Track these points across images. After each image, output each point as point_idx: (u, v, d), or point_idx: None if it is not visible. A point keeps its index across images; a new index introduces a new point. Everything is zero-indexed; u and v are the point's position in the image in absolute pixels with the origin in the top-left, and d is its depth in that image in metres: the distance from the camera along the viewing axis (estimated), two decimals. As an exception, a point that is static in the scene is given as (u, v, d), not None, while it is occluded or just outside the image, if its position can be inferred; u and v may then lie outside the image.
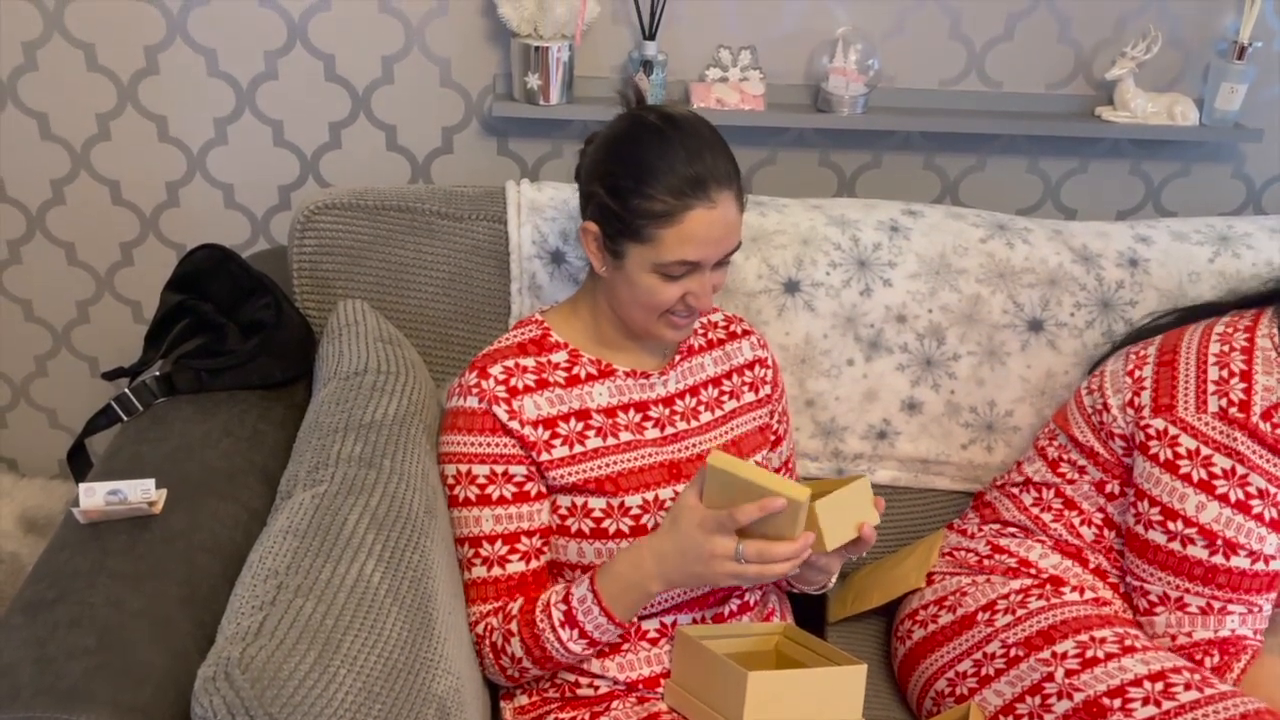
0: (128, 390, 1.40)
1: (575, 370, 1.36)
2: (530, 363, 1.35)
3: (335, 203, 1.56)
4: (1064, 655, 1.35)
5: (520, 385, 1.32)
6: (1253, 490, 1.33)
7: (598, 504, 1.32)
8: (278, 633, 0.99)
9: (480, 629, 1.30)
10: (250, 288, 1.49)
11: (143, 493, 1.18)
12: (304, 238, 1.55)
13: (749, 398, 1.46)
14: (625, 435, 1.35)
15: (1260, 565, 1.34)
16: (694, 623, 1.36)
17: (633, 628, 1.34)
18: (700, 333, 1.47)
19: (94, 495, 1.16)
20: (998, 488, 1.63)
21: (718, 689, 1.23)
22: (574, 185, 1.38)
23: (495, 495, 1.30)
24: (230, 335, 1.45)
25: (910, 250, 1.67)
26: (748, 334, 1.50)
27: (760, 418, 1.47)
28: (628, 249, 1.27)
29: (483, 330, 1.61)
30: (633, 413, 1.37)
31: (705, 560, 1.18)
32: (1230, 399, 1.35)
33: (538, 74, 1.72)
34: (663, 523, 1.23)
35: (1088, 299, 1.70)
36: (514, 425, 1.30)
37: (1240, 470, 1.33)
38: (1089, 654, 1.33)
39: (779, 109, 1.83)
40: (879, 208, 1.72)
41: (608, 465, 1.33)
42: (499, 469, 1.30)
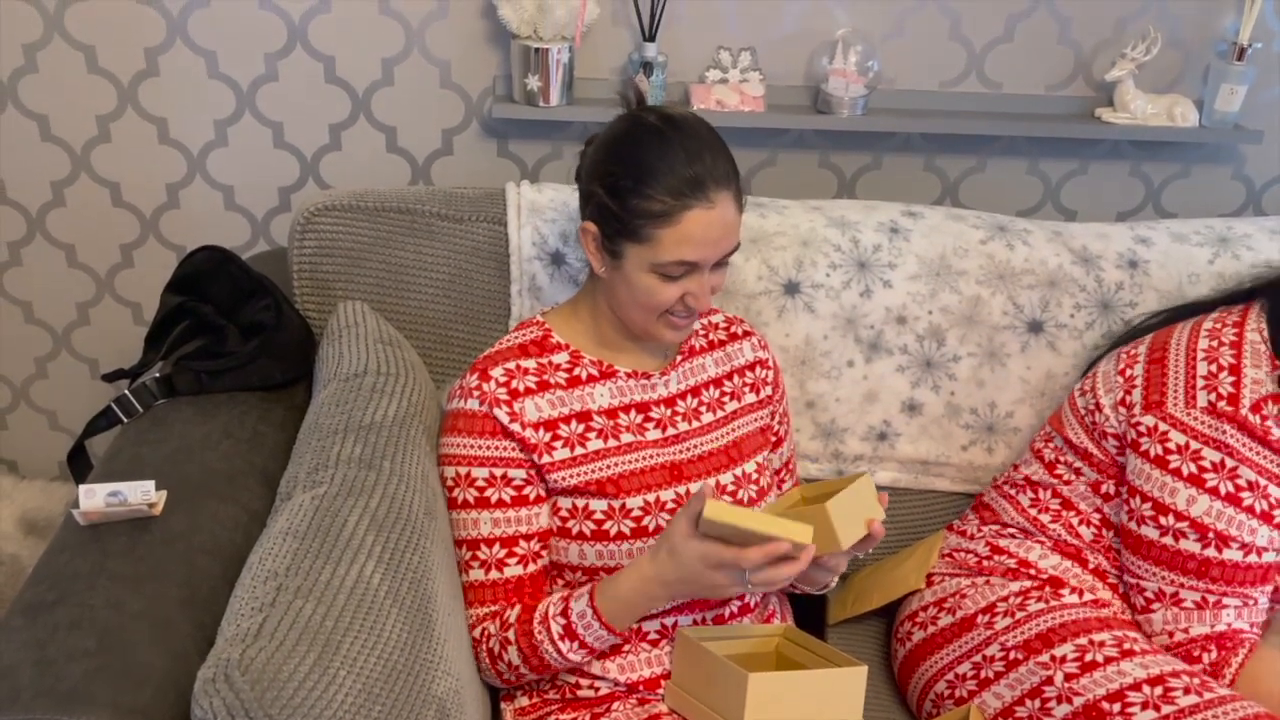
0: (128, 392, 1.40)
1: (576, 371, 1.36)
2: (531, 364, 1.35)
3: (335, 204, 1.56)
4: (1063, 659, 1.35)
5: (521, 387, 1.32)
6: (1242, 483, 1.34)
7: (599, 506, 1.32)
8: (277, 634, 0.99)
9: (477, 633, 1.30)
10: (250, 289, 1.49)
11: (143, 494, 1.18)
12: (304, 239, 1.55)
13: (750, 399, 1.46)
14: (626, 437, 1.35)
15: (1253, 557, 1.35)
16: (694, 624, 1.36)
17: (633, 630, 1.34)
18: (701, 334, 1.47)
19: (94, 497, 1.16)
20: (996, 489, 1.63)
21: (718, 690, 1.23)
22: (574, 187, 1.38)
23: (494, 498, 1.30)
24: (230, 337, 1.45)
25: (910, 252, 1.67)
26: (748, 335, 1.50)
27: (761, 419, 1.47)
28: (626, 249, 1.27)
29: (483, 332, 1.61)
30: (634, 414, 1.37)
31: (711, 589, 1.21)
32: (1219, 393, 1.36)
33: (538, 75, 1.72)
34: (660, 551, 1.22)
35: (1087, 300, 1.70)
36: (515, 428, 1.30)
37: (1229, 463, 1.34)
38: (1088, 657, 1.33)
39: (779, 110, 1.83)
40: (879, 209, 1.72)
41: (609, 467, 1.33)
42: (498, 472, 1.30)
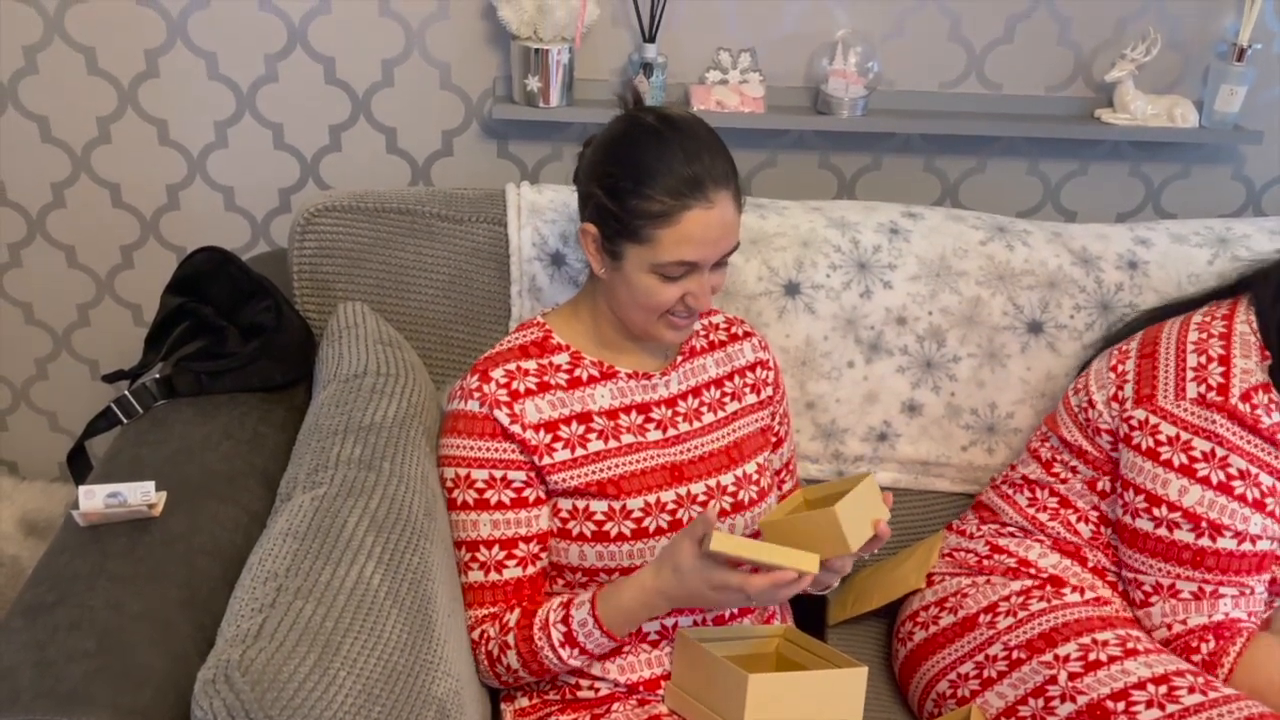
0: (128, 393, 1.40)
1: (577, 372, 1.36)
2: (532, 365, 1.34)
3: (335, 205, 1.56)
4: (1066, 658, 1.35)
5: (522, 388, 1.32)
6: (1233, 471, 1.34)
7: (599, 507, 1.32)
8: (277, 635, 0.99)
9: (476, 634, 1.30)
10: (250, 290, 1.49)
11: (142, 495, 1.18)
12: (304, 240, 1.55)
13: (750, 399, 1.46)
14: (627, 438, 1.35)
15: (1247, 545, 1.35)
16: (694, 625, 1.36)
17: (633, 631, 1.34)
18: (701, 334, 1.47)
19: (94, 498, 1.16)
20: (994, 489, 1.63)
21: (718, 691, 1.23)
22: (574, 188, 1.38)
23: (494, 500, 1.30)
24: (230, 338, 1.45)
25: (910, 252, 1.67)
26: (749, 336, 1.50)
27: (761, 419, 1.47)
28: (626, 250, 1.27)
29: (483, 332, 1.61)
30: (635, 414, 1.37)
31: (716, 604, 1.26)
32: (1209, 384, 1.37)
33: (538, 76, 1.72)
34: (664, 568, 1.22)
35: (1087, 301, 1.70)
36: (515, 429, 1.30)
37: (1220, 452, 1.34)
38: (1092, 656, 1.34)
39: (779, 111, 1.83)
40: (879, 210, 1.72)
41: (610, 468, 1.33)
42: (498, 474, 1.30)
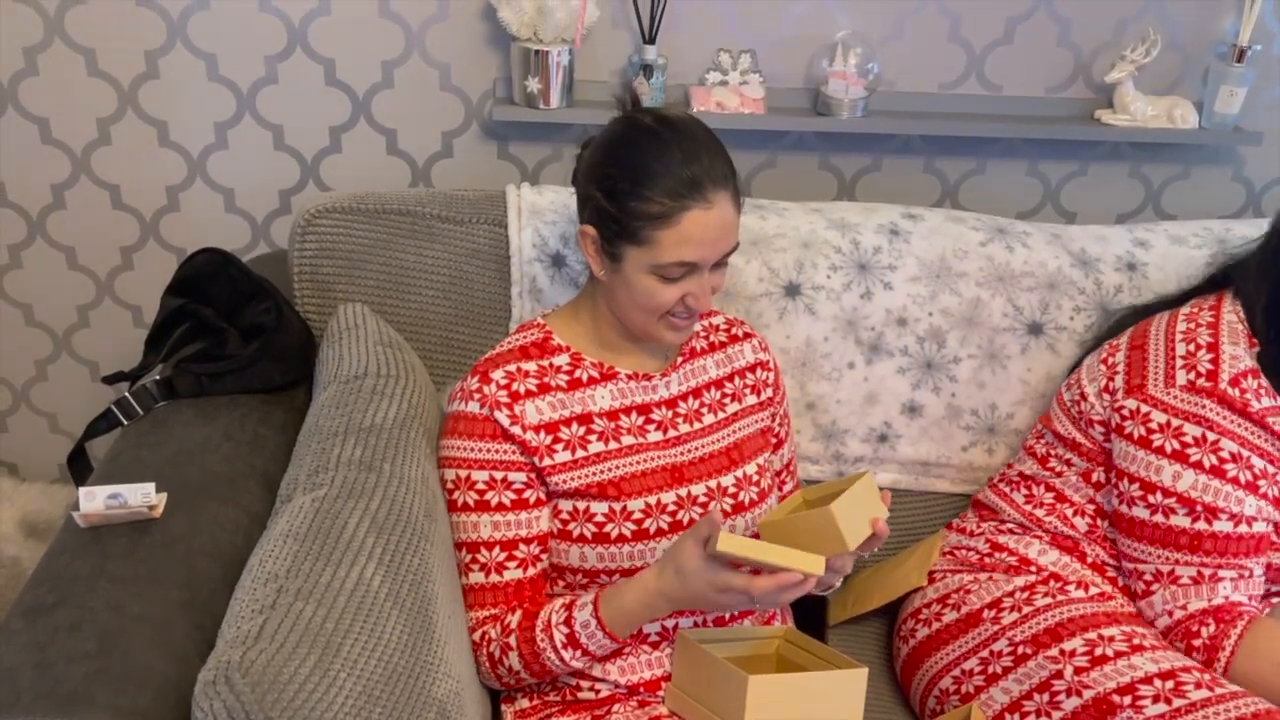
0: (128, 394, 1.40)
1: (577, 374, 1.36)
2: (532, 367, 1.35)
3: (335, 206, 1.56)
4: (1072, 653, 1.35)
5: (522, 390, 1.32)
6: (1225, 455, 1.35)
7: (600, 509, 1.32)
8: (278, 636, 0.99)
9: (477, 636, 1.30)
10: (250, 292, 1.49)
11: (143, 497, 1.18)
12: (304, 241, 1.56)
13: (751, 400, 1.46)
14: (627, 439, 1.35)
15: (1243, 528, 1.35)
16: (695, 626, 1.36)
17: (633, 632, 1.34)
18: (702, 335, 1.47)
19: (94, 499, 1.16)
20: (992, 488, 1.63)
21: (719, 692, 1.23)
22: (574, 189, 1.38)
23: (494, 502, 1.30)
24: (230, 339, 1.45)
25: (910, 254, 1.67)
26: (749, 337, 1.50)
27: (762, 420, 1.47)
28: (625, 251, 1.27)
29: (483, 333, 1.61)
30: (635, 415, 1.37)
31: (717, 607, 1.27)
32: (1198, 370, 1.38)
33: (538, 78, 1.72)
34: (667, 570, 1.23)
35: (1086, 303, 1.70)
36: (515, 430, 1.30)
37: (1211, 436, 1.35)
38: (1098, 652, 1.34)
39: (779, 112, 1.83)
40: (879, 211, 1.72)
41: (610, 469, 1.33)
42: (498, 475, 1.30)
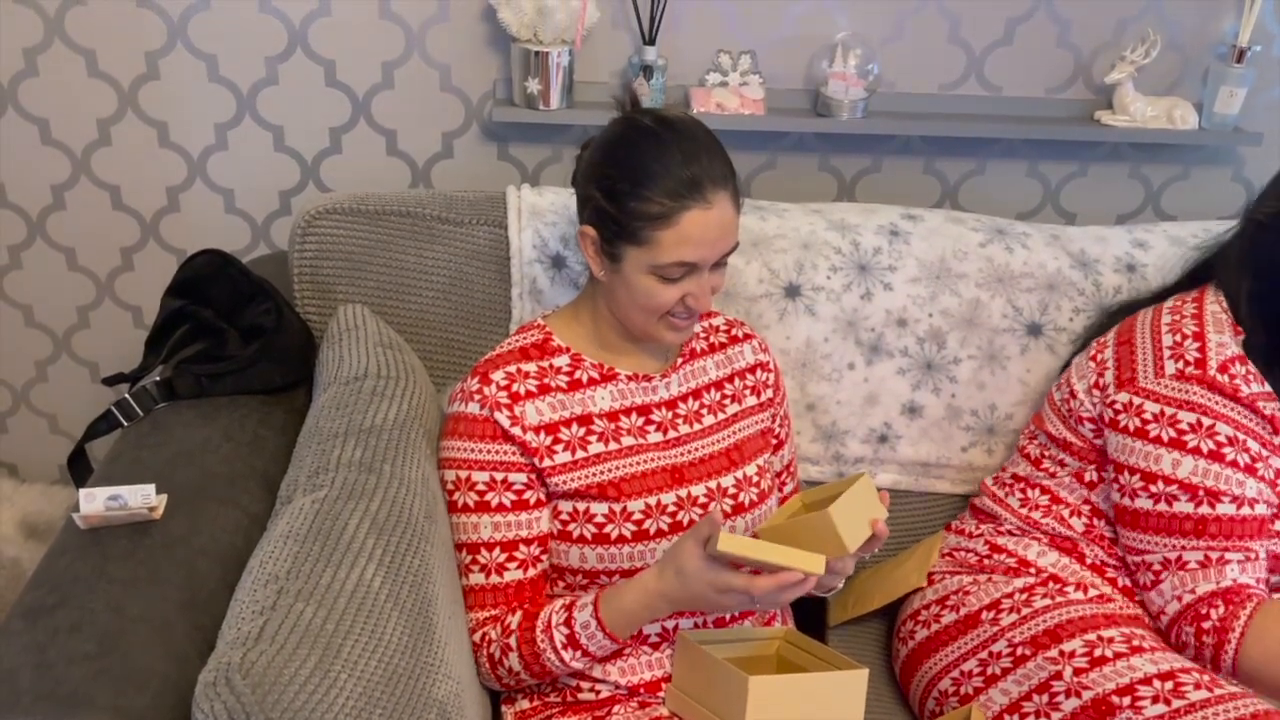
0: (128, 395, 1.40)
1: (577, 375, 1.36)
2: (532, 368, 1.35)
3: (336, 208, 1.56)
4: (1072, 654, 1.35)
5: (522, 391, 1.32)
6: (1222, 439, 1.35)
7: (600, 509, 1.32)
8: (278, 638, 0.99)
9: (477, 637, 1.30)
10: (250, 293, 1.49)
11: (143, 498, 1.18)
12: (304, 243, 1.56)
13: (751, 401, 1.46)
14: (627, 440, 1.35)
15: (1246, 510, 1.36)
16: (695, 627, 1.36)
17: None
18: (702, 336, 1.47)
19: (94, 500, 1.16)
20: (987, 492, 1.63)
21: (719, 693, 1.23)
22: (574, 190, 1.38)
23: (494, 502, 1.30)
24: (230, 340, 1.45)
25: (910, 254, 1.67)
26: (749, 338, 1.50)
27: (762, 421, 1.47)
28: (625, 252, 1.27)
29: (484, 335, 1.61)
30: (635, 416, 1.37)
31: (717, 608, 1.27)
32: (1186, 359, 1.39)
33: (538, 79, 1.72)
34: (667, 570, 1.23)
35: (1086, 304, 1.70)
36: (516, 431, 1.30)
37: (1206, 422, 1.36)
38: (1097, 653, 1.34)
39: (779, 113, 1.84)
40: (879, 212, 1.72)
41: (610, 470, 1.33)
42: (499, 476, 1.30)
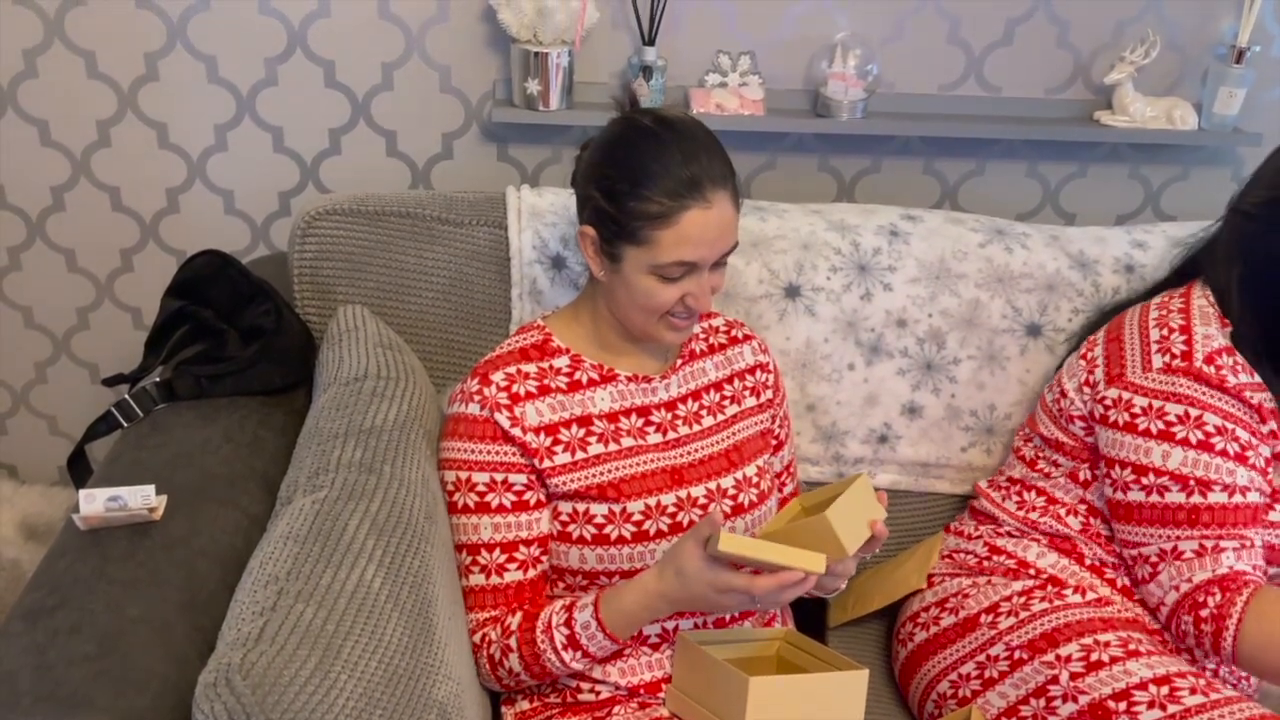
0: (128, 396, 1.40)
1: (577, 376, 1.36)
2: (532, 369, 1.35)
3: (335, 208, 1.56)
4: (1068, 658, 1.35)
5: (522, 391, 1.32)
6: (1210, 429, 1.36)
7: (599, 510, 1.32)
8: (278, 638, 0.99)
9: (477, 638, 1.30)
10: (250, 294, 1.49)
11: (143, 499, 1.18)
12: (304, 243, 1.56)
13: (750, 402, 1.46)
14: (627, 441, 1.35)
15: (1238, 498, 1.36)
16: (695, 627, 1.36)
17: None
18: (701, 337, 1.47)
19: (94, 502, 1.16)
20: (984, 495, 1.63)
21: (719, 694, 1.23)
22: (573, 190, 1.38)
23: (494, 503, 1.30)
24: (230, 341, 1.45)
25: (910, 255, 1.68)
26: (749, 339, 1.50)
27: (761, 422, 1.47)
28: (625, 252, 1.27)
29: (484, 335, 1.61)
30: (635, 417, 1.37)
31: (718, 609, 1.27)
32: (1173, 352, 1.41)
33: (537, 79, 1.72)
34: (667, 570, 1.23)
35: (1085, 304, 1.70)
36: (516, 432, 1.30)
37: (1194, 413, 1.37)
38: (1094, 657, 1.34)
39: (778, 114, 1.84)
40: (878, 213, 1.73)
41: (610, 471, 1.33)
42: (499, 477, 1.30)
